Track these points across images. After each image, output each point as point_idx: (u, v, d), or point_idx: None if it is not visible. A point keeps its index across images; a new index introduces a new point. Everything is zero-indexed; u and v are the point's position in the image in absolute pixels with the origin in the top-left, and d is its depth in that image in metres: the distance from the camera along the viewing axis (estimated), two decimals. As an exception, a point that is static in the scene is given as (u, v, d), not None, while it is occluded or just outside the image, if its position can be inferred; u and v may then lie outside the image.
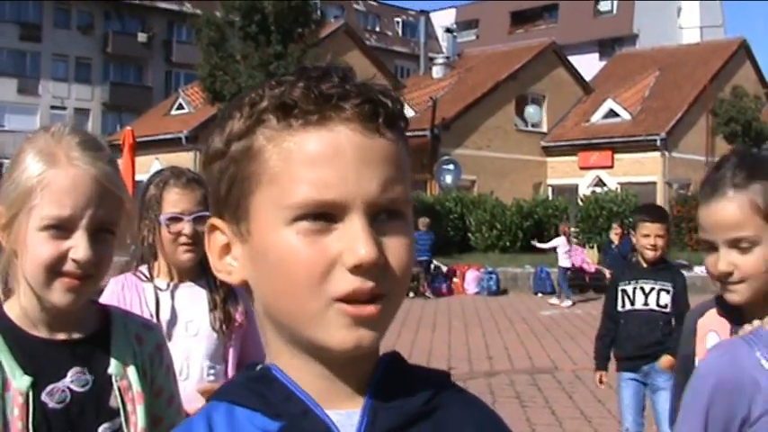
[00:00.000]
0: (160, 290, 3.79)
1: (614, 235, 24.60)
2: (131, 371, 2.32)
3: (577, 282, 27.79)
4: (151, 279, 3.80)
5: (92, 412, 2.22)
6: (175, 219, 3.74)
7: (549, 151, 50.27)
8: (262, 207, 1.27)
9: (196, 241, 3.75)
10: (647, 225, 7.27)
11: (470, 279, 28.42)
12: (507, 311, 22.96)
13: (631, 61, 55.89)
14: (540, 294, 27.58)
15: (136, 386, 2.31)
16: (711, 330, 2.65)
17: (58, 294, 2.14)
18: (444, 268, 29.02)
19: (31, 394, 2.14)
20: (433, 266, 28.43)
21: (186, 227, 3.74)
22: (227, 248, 1.35)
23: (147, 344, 2.41)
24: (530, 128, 50.46)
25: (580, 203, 37.99)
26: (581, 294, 27.35)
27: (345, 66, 1.37)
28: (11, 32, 70.32)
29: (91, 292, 2.25)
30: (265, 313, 1.33)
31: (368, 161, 1.25)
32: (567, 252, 26.27)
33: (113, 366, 2.28)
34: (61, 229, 2.11)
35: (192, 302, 3.84)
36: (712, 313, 2.87)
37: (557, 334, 18.45)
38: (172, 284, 3.84)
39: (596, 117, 49.87)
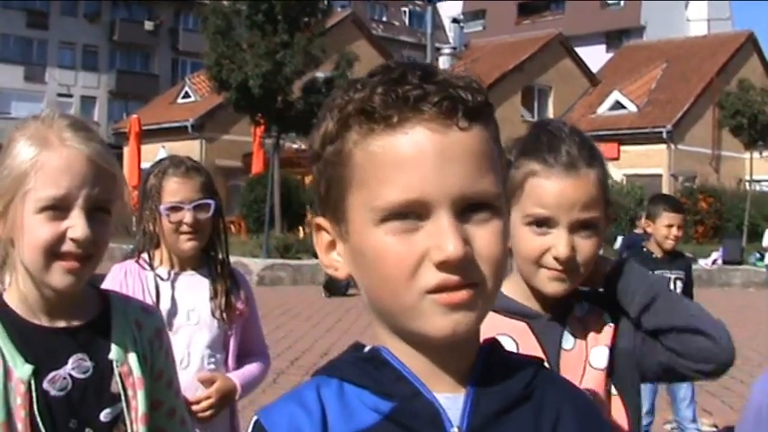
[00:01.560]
0: (161, 279, 3.78)
1: (645, 226, 24.93)
2: (132, 356, 2.32)
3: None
4: (152, 268, 3.80)
5: (93, 398, 2.23)
6: (175, 208, 3.74)
7: (555, 143, 50.18)
8: (355, 209, 1.34)
9: (197, 229, 3.77)
10: (670, 215, 7.28)
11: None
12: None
13: (638, 53, 55.77)
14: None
15: (136, 371, 2.32)
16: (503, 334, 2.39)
17: (58, 277, 2.15)
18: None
19: (32, 382, 2.14)
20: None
21: (187, 215, 3.73)
22: (332, 245, 1.42)
23: (147, 329, 2.42)
24: (536, 119, 50.36)
25: (586, 195, 37.97)
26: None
27: (426, 63, 1.40)
28: (18, 20, 70.33)
29: (90, 273, 2.24)
30: (370, 304, 1.39)
31: (449, 158, 1.29)
32: None
33: (114, 352, 2.29)
34: (58, 209, 2.12)
35: (194, 291, 3.84)
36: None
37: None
38: (173, 273, 3.84)
39: (603, 109, 49.83)
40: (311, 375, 1.43)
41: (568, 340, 2.34)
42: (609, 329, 2.37)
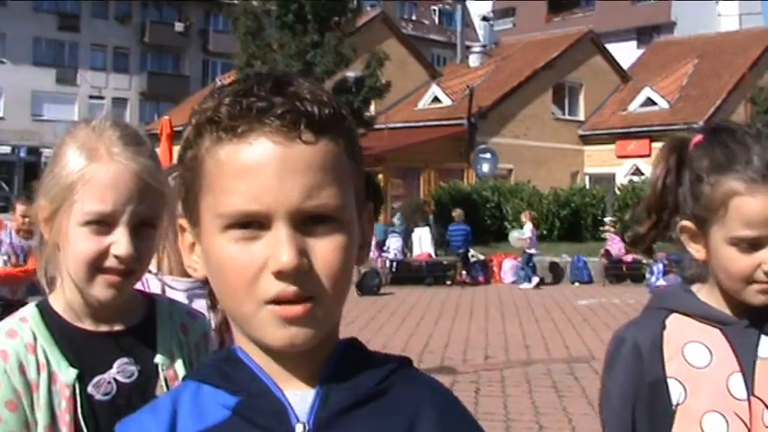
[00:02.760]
0: (169, 286, 3.76)
1: None
2: (178, 360, 2.33)
3: (614, 271, 27.74)
4: (158, 272, 3.79)
5: (138, 403, 2.21)
6: None
7: (586, 140, 50.06)
8: (205, 214, 1.36)
9: None
10: None
11: (507, 268, 28.38)
12: (544, 300, 22.91)
13: (669, 49, 55.47)
14: (577, 283, 27.52)
15: (182, 375, 2.31)
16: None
17: (100, 290, 2.16)
18: (481, 257, 28.98)
19: (77, 387, 2.15)
20: (471, 255, 28.46)
21: None
22: (193, 247, 1.45)
23: (194, 333, 2.44)
24: (567, 116, 50.28)
25: (617, 192, 37.86)
26: (618, 284, 27.29)
27: (283, 72, 1.41)
28: (50, 23, 70.76)
29: (133, 286, 2.26)
30: (222, 307, 1.45)
31: (290, 171, 1.30)
32: (531, 238, 27.56)
33: (159, 356, 2.30)
34: (102, 224, 2.12)
35: (194, 303, 3.84)
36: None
37: (594, 323, 18.39)
38: (172, 281, 3.84)
39: (634, 105, 49.59)
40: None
41: (766, 348, 2.26)
42: None
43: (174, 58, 78.86)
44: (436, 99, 48.54)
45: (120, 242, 2.13)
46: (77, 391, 2.16)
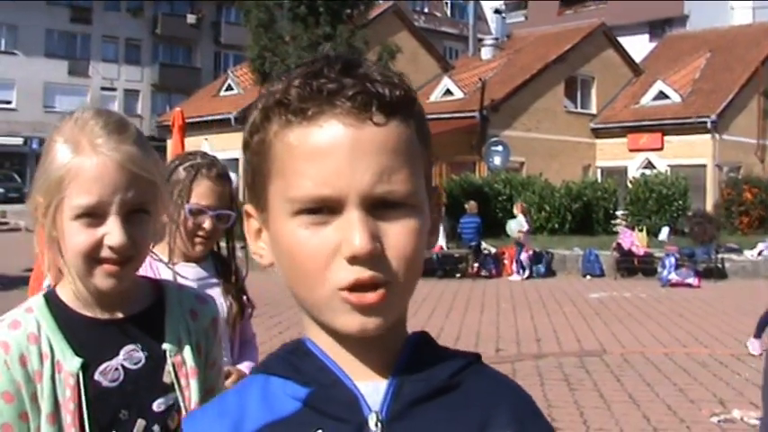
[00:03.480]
0: (181, 276, 3.67)
1: None
2: (186, 346, 2.34)
3: (626, 265, 27.71)
4: (170, 260, 3.76)
5: (145, 389, 2.25)
6: (200, 211, 3.75)
7: (598, 133, 49.99)
8: (273, 199, 1.35)
9: (212, 236, 3.81)
10: None
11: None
12: (556, 294, 22.90)
13: (682, 43, 55.36)
14: (588, 277, 27.50)
15: (190, 361, 2.33)
16: None
17: (100, 280, 2.17)
18: (493, 250, 28.97)
19: (81, 375, 2.17)
20: (483, 248, 28.48)
21: (207, 222, 3.76)
22: (259, 233, 1.43)
23: (203, 318, 2.44)
24: (579, 110, 50.23)
25: (629, 186, 37.84)
26: (629, 278, 27.27)
27: (352, 55, 1.39)
28: (62, 15, 70.99)
29: (133, 273, 2.26)
30: (292, 294, 1.39)
31: (362, 154, 1.28)
32: (526, 230, 27.94)
33: (167, 342, 2.31)
34: (93, 216, 2.13)
35: (205, 288, 3.84)
36: None
37: (605, 317, 18.38)
38: (181, 264, 3.84)
39: (646, 99, 49.49)
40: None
41: None
42: None
43: (185, 49, 79.05)
44: (448, 92, 48.49)
45: (112, 232, 2.14)
46: (82, 379, 2.17)
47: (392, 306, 1.32)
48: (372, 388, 1.36)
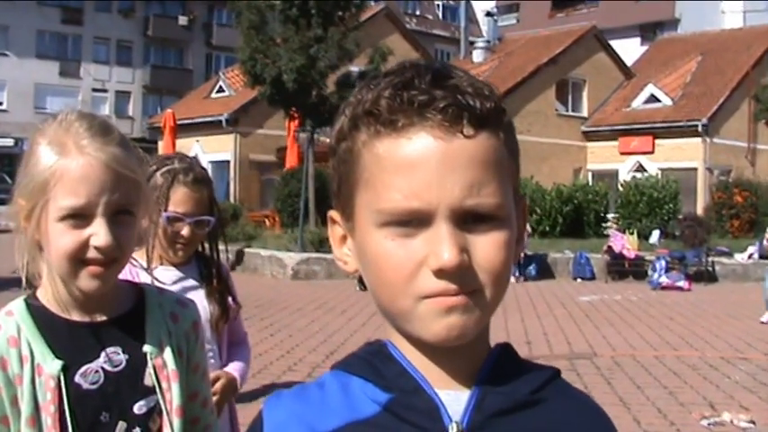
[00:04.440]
0: (159, 281, 3.54)
1: None
2: (166, 348, 2.34)
3: (617, 268, 27.75)
4: (149, 265, 3.71)
5: (126, 391, 2.25)
6: (177, 219, 3.72)
7: (589, 136, 50.07)
8: (360, 208, 1.35)
9: (191, 242, 3.79)
10: None
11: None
12: (546, 296, 22.91)
13: (673, 46, 55.47)
14: (579, 280, 27.53)
15: (171, 364, 2.33)
16: None
17: (85, 282, 2.18)
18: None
19: (62, 377, 2.17)
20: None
21: (185, 229, 3.74)
22: (344, 239, 1.44)
23: (183, 321, 2.44)
24: (570, 112, 50.29)
25: (620, 189, 37.86)
26: (620, 281, 27.31)
27: (441, 64, 1.38)
28: (53, 16, 70.92)
29: (117, 274, 2.27)
30: (375, 301, 1.39)
31: (451, 167, 1.27)
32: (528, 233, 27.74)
33: (148, 345, 2.31)
34: (79, 217, 2.13)
35: (188, 293, 3.80)
36: None
37: (596, 320, 18.39)
38: (161, 268, 3.82)
39: (637, 102, 49.59)
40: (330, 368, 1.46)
41: None
42: None
43: (177, 51, 78.99)
44: (439, 94, 48.49)
45: (98, 233, 2.14)
46: (62, 382, 2.17)
47: (478, 312, 1.32)
48: (453, 397, 1.36)
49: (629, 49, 60.39)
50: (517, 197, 1.39)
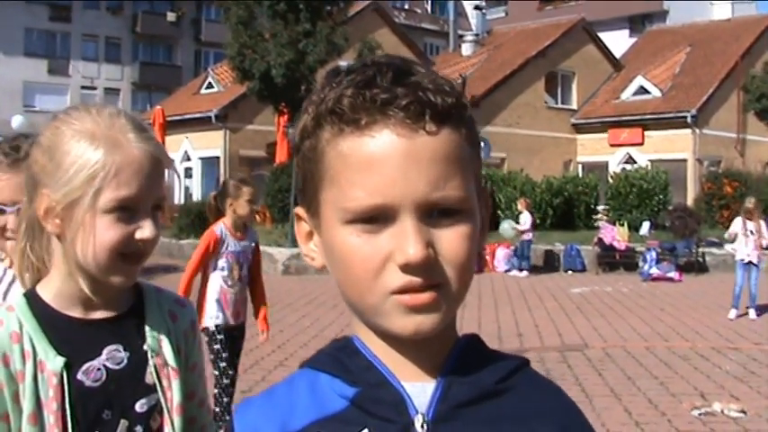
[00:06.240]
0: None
1: None
2: (166, 347, 2.34)
3: (607, 260, 27.79)
4: None
5: (128, 389, 2.25)
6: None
7: (579, 128, 50.11)
8: (326, 205, 1.35)
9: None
10: None
11: (500, 257, 28.42)
12: (537, 289, 22.94)
13: (662, 38, 55.54)
14: (570, 272, 27.57)
15: (171, 362, 2.34)
16: None
17: (119, 275, 2.19)
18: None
19: (65, 374, 2.16)
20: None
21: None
22: (310, 235, 1.44)
23: (182, 321, 2.45)
24: (559, 105, 50.33)
25: (610, 181, 37.91)
26: (611, 272, 27.34)
27: (402, 60, 1.38)
28: (41, 13, 70.70)
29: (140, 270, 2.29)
30: (342, 296, 1.40)
31: (415, 163, 1.28)
32: (529, 227, 27.73)
33: (148, 343, 2.31)
34: (125, 210, 2.14)
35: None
36: None
37: (587, 311, 18.43)
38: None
39: (626, 94, 49.66)
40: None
41: None
42: None
43: (166, 48, 78.82)
44: (429, 88, 48.48)
45: (145, 226, 2.17)
46: (65, 378, 2.16)
47: (445, 306, 1.33)
48: (420, 389, 1.37)
49: (618, 41, 60.42)
50: (480, 189, 1.40)
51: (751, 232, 17.80)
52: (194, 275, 8.02)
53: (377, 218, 1.29)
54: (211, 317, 8.00)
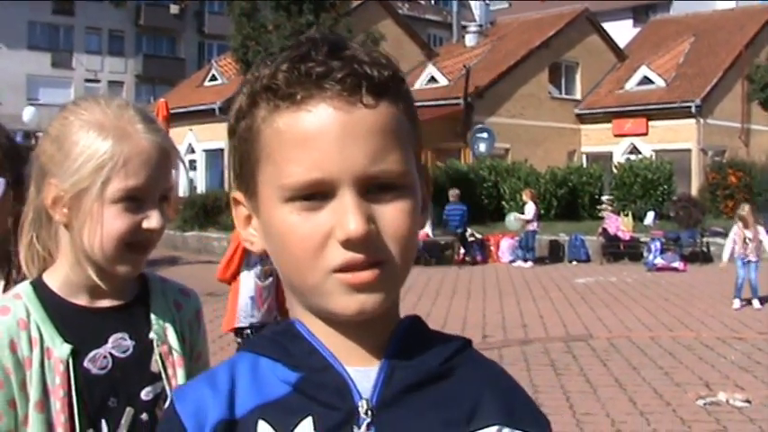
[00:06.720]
0: None
1: None
2: (171, 335, 2.36)
3: (612, 250, 27.79)
4: None
5: (134, 377, 2.26)
6: None
7: (583, 119, 50.03)
8: (263, 185, 1.33)
9: None
10: None
11: (505, 247, 28.42)
12: (542, 279, 22.94)
13: (666, 27, 55.43)
14: (574, 262, 27.58)
15: (176, 351, 2.35)
16: None
17: (126, 265, 2.21)
18: (479, 236, 28.99)
19: (71, 362, 2.17)
20: (469, 234, 28.48)
21: None
22: (248, 219, 1.42)
23: (187, 310, 2.46)
24: (563, 95, 50.26)
25: (614, 171, 37.88)
26: (615, 262, 27.34)
27: (337, 36, 1.38)
28: (44, 7, 70.66)
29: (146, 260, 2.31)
30: (282, 279, 1.38)
31: (352, 136, 1.27)
32: (533, 217, 27.78)
33: (154, 331, 2.32)
34: (133, 200, 2.16)
35: None
36: None
37: (591, 302, 18.44)
38: None
39: (631, 84, 49.57)
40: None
41: None
42: None
43: (169, 40, 78.82)
44: (432, 79, 48.46)
45: (152, 216, 2.19)
46: (72, 366, 2.18)
47: (388, 285, 1.31)
48: (363, 374, 1.35)
49: (622, 31, 60.29)
50: (420, 167, 1.38)
51: (749, 239, 17.87)
52: (239, 263, 8.31)
53: (316, 194, 1.27)
54: (246, 316, 8.14)
